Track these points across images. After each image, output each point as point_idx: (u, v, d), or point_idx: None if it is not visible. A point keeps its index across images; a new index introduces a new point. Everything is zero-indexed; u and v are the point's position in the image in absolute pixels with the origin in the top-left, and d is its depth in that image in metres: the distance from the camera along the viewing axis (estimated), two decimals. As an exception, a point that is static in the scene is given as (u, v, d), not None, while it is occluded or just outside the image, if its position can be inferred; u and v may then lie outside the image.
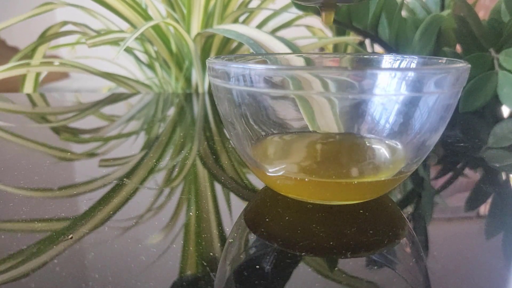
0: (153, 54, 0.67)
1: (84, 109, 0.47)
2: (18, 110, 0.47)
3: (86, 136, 0.36)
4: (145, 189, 0.23)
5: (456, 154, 0.30)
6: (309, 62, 0.27)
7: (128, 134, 0.36)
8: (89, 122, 0.42)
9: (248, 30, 0.42)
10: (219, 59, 0.20)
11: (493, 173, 0.27)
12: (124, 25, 0.64)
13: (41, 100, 0.53)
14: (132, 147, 0.32)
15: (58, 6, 0.60)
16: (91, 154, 0.30)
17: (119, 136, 0.36)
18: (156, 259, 0.16)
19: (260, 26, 0.69)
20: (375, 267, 0.16)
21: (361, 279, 0.15)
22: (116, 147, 0.32)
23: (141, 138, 0.35)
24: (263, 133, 0.21)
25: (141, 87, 0.65)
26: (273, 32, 0.68)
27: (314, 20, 0.67)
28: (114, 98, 0.53)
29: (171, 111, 0.46)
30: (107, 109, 0.48)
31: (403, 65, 0.24)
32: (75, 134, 0.36)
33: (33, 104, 0.50)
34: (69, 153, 0.30)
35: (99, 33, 0.64)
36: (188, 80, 0.64)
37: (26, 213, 0.19)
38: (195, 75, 0.63)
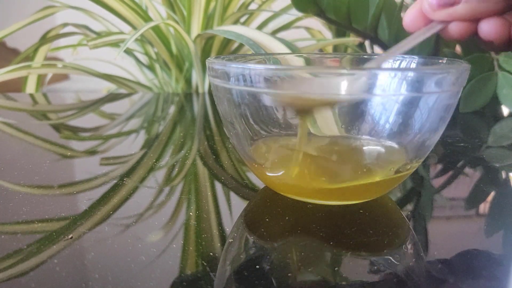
0: (153, 56, 0.67)
1: (84, 107, 0.47)
2: (19, 107, 0.47)
3: (86, 134, 0.36)
4: (145, 189, 0.23)
5: (456, 154, 0.30)
6: (308, 62, 0.27)
7: (128, 133, 0.36)
8: (89, 120, 0.42)
9: (248, 31, 0.42)
10: (219, 59, 0.20)
11: (493, 172, 0.27)
12: (124, 27, 0.64)
13: (42, 98, 0.53)
14: (132, 145, 0.32)
15: (59, 9, 0.60)
16: (91, 153, 0.30)
17: (119, 135, 0.36)
18: (156, 259, 0.16)
19: (260, 27, 0.69)
20: (375, 267, 0.16)
21: (361, 279, 0.15)
22: (116, 146, 0.32)
23: (141, 137, 0.35)
24: (263, 133, 0.21)
25: (141, 89, 0.65)
26: (273, 33, 0.68)
27: (313, 22, 0.68)
28: (114, 96, 0.53)
29: (171, 110, 0.46)
30: (107, 107, 0.48)
31: (403, 65, 0.24)
32: (75, 132, 0.36)
33: (34, 101, 0.50)
34: (69, 152, 0.30)
35: (99, 34, 0.64)
36: (188, 81, 0.64)
37: (26, 213, 0.19)
38: (195, 77, 0.63)
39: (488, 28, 0.18)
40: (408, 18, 0.20)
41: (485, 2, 0.18)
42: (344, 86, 0.16)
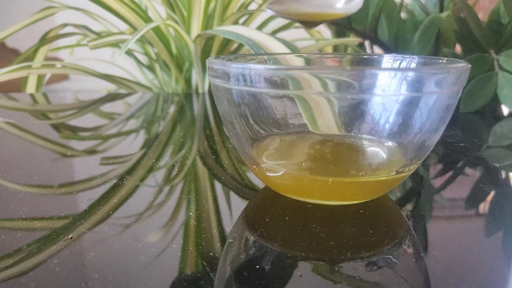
0: (153, 56, 0.67)
1: (83, 107, 0.47)
2: (19, 107, 0.47)
3: (86, 134, 0.36)
4: (145, 188, 0.23)
5: (456, 154, 0.30)
6: (308, 62, 0.27)
7: (128, 132, 0.36)
8: (89, 120, 0.42)
9: (248, 31, 0.42)
10: (218, 59, 0.20)
11: (493, 172, 0.27)
12: (124, 27, 0.64)
13: (42, 98, 0.53)
14: (132, 145, 0.32)
15: (59, 10, 0.60)
16: (91, 152, 0.30)
17: (119, 134, 0.36)
18: (156, 259, 0.16)
19: (260, 27, 0.69)
20: (375, 267, 0.16)
21: (361, 279, 0.15)
22: (116, 145, 0.32)
23: (141, 137, 0.35)
24: (263, 133, 0.21)
25: (141, 89, 0.65)
26: (272, 34, 0.68)
27: (313, 22, 0.67)
28: (114, 96, 0.53)
29: (171, 110, 0.46)
30: (107, 107, 0.48)
31: (403, 65, 0.24)
32: (75, 132, 0.36)
33: (34, 101, 0.50)
34: (69, 152, 0.30)
35: (99, 35, 0.64)
36: (188, 81, 0.64)
37: (26, 213, 0.19)
38: (195, 77, 0.63)
39: None
40: None
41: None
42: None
